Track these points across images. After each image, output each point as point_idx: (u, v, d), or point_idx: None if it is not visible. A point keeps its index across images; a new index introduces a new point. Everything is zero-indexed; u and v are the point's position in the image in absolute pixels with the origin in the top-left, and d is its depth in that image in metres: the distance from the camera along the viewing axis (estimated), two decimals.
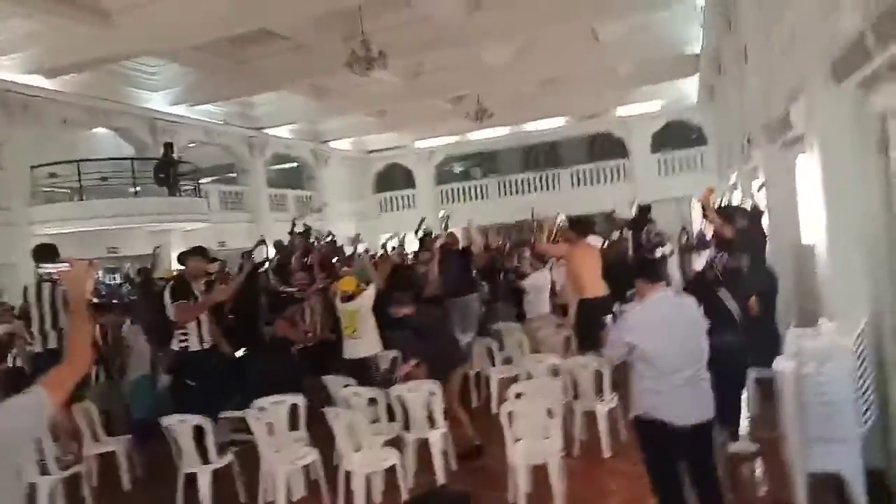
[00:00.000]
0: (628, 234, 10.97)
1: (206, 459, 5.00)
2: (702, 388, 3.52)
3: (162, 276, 8.60)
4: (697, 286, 5.30)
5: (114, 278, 14.61)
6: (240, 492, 5.17)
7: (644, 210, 10.68)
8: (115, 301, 9.60)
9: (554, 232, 7.36)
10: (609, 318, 5.68)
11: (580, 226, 6.56)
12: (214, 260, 7.69)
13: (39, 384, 1.93)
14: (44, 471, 5.12)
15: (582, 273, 6.14)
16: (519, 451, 4.42)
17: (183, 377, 5.88)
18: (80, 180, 12.68)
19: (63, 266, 2.18)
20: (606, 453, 5.40)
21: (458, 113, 18.14)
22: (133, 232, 13.74)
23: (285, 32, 11.95)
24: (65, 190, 13.13)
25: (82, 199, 13.00)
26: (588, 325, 5.99)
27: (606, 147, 24.08)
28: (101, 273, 10.56)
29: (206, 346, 5.91)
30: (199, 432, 5.00)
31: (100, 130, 15.03)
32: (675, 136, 22.20)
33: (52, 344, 5.64)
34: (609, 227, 12.53)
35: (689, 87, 18.83)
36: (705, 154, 21.00)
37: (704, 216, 6.81)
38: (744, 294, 5.17)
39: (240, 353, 7.06)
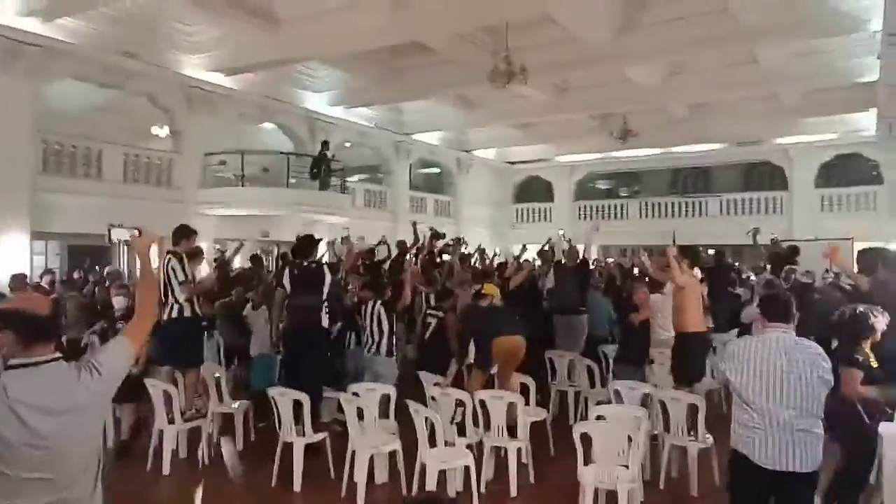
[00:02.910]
0: (766, 271, 10.33)
1: (302, 432, 5.47)
2: (804, 438, 3.31)
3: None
4: None
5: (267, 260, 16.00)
6: (330, 468, 5.58)
7: (793, 250, 9.98)
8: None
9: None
10: None
11: (692, 256, 6.29)
12: None
13: (123, 334, 2.32)
14: (171, 420, 5.88)
15: (686, 306, 5.90)
16: (588, 473, 4.42)
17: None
18: (242, 169, 14.11)
19: (134, 232, 2.52)
20: (694, 492, 5.23)
21: (602, 130, 17.93)
22: (284, 219, 14.94)
23: (436, 45, 12.51)
24: (230, 176, 14.63)
25: (244, 186, 14.43)
26: (686, 360, 5.79)
27: (765, 177, 22.61)
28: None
29: None
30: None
31: (266, 125, 16.56)
32: (846, 171, 20.36)
33: (174, 314, 6.19)
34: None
35: (867, 120, 17.17)
36: (878, 194, 19.11)
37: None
38: None
39: None
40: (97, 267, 11.94)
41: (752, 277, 10.94)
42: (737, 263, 13.39)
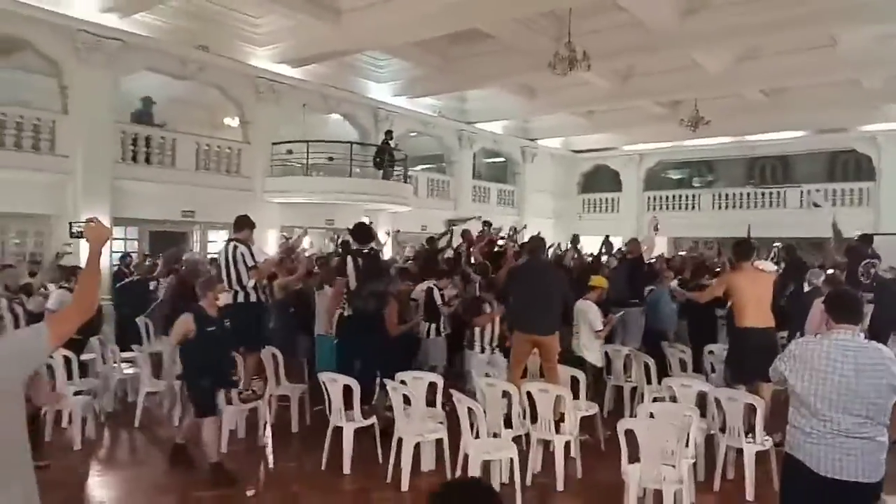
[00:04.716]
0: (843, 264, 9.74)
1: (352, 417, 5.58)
2: (867, 447, 3.11)
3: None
4: None
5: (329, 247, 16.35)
6: (378, 452, 5.66)
7: (866, 239, 9.37)
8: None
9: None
10: None
11: (740, 250, 6.05)
12: None
13: (45, 321, 2.32)
14: (229, 402, 6.09)
15: (742, 299, 5.65)
16: (632, 472, 4.30)
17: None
18: (307, 158, 14.42)
19: (91, 224, 2.47)
20: (749, 496, 5.02)
21: (672, 118, 17.30)
22: (348, 208, 15.17)
23: (497, 32, 12.39)
24: (297, 165, 14.98)
25: (309, 175, 14.75)
26: (742, 356, 5.55)
27: (850, 166, 21.33)
28: (308, 241, 11.76)
29: None
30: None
31: (333, 115, 16.84)
32: None
33: (240, 299, 6.45)
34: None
35: None
36: None
37: None
38: None
39: None
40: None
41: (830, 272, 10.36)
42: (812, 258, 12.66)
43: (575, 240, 9.19)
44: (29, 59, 11.53)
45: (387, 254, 10.40)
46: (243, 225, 6.76)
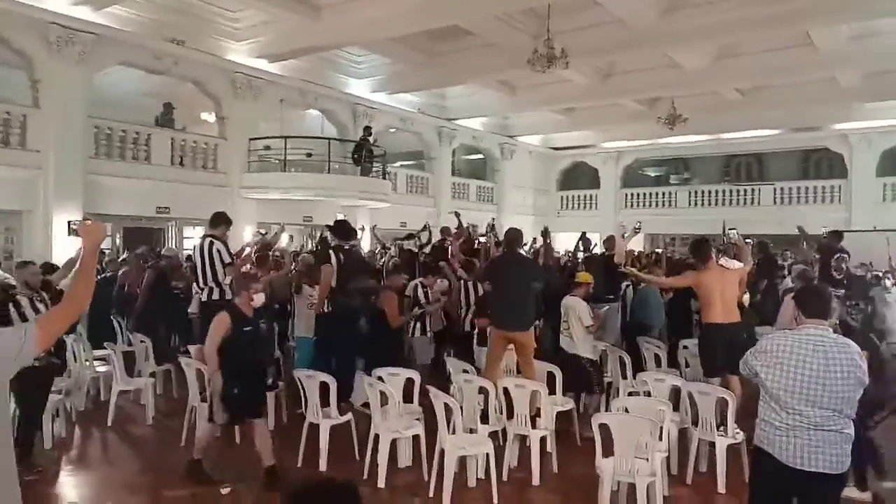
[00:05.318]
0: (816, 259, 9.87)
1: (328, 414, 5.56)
2: (835, 439, 3.17)
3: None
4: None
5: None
6: (355, 449, 5.65)
7: (835, 235, 9.52)
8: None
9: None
10: None
11: (696, 250, 6.16)
12: None
13: (33, 321, 2.26)
14: (203, 399, 6.03)
15: (710, 296, 5.76)
16: (606, 465, 4.35)
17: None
18: (285, 154, 14.30)
19: (86, 222, 2.42)
20: (721, 489, 5.08)
21: (650, 115, 17.46)
22: (326, 204, 15.11)
23: (477, 30, 12.39)
24: (275, 161, 14.85)
25: (286, 171, 14.63)
26: (713, 352, 5.64)
27: (823, 164, 21.71)
28: (288, 237, 11.65)
29: None
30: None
31: (311, 111, 16.73)
32: None
33: (215, 296, 6.41)
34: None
35: None
36: None
37: None
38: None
39: None
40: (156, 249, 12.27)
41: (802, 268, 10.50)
42: (787, 254, 12.87)
43: (545, 233, 8.87)
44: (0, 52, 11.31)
45: (364, 248, 10.39)
46: (220, 221, 6.73)
